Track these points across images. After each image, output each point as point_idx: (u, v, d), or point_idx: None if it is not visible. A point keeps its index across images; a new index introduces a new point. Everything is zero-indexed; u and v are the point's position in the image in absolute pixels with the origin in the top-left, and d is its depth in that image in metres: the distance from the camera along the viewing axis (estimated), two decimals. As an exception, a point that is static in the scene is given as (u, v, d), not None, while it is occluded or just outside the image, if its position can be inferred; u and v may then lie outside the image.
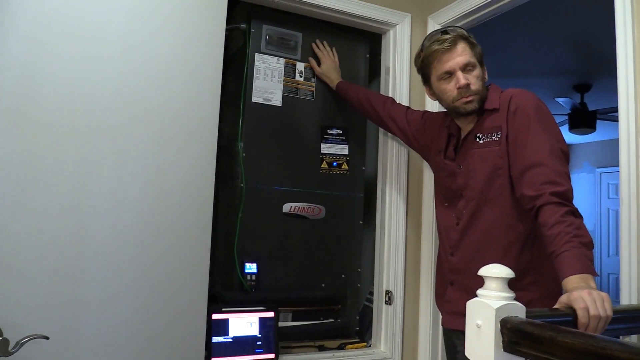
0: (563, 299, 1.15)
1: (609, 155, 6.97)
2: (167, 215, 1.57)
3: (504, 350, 0.94)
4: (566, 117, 5.41)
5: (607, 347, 0.76)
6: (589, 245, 1.27)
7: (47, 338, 1.23)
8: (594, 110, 5.22)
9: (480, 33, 1.99)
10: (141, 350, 1.49)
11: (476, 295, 1.01)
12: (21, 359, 1.21)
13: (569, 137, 6.37)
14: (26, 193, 1.27)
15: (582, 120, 5.28)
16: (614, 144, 1.55)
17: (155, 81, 1.55)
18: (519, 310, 0.97)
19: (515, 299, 1.00)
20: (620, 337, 1.25)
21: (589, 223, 7.41)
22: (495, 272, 0.98)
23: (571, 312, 1.10)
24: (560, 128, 1.53)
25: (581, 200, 7.59)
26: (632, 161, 1.49)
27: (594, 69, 4.52)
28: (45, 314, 1.29)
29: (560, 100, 5.06)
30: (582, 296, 1.10)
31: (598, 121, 5.35)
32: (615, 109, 1.56)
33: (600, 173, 7.58)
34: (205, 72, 1.71)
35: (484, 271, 1.00)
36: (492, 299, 0.96)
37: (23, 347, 1.19)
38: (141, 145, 1.50)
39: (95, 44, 1.42)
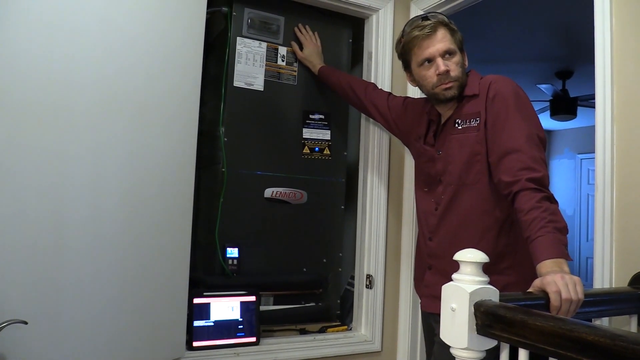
0: (536, 282, 1.17)
1: (590, 142, 7.03)
2: (148, 199, 1.56)
3: (478, 333, 0.96)
4: (547, 104, 5.47)
5: (575, 329, 0.79)
6: (564, 230, 1.29)
7: (26, 323, 1.23)
8: (575, 97, 5.28)
9: (463, 19, 2.00)
10: (122, 334, 1.49)
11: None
12: (0, 344, 1.21)
13: (550, 123, 6.44)
14: (3, 173, 1.26)
15: (563, 106, 5.34)
16: (594, 130, 1.57)
17: (135, 64, 1.53)
18: (493, 294, 1.00)
19: (492, 282, 1.02)
20: (592, 320, 1.29)
21: (568, 208, 7.54)
22: (469, 256, 1.00)
23: (544, 295, 1.13)
24: (542, 114, 1.55)
25: (561, 186, 7.71)
26: (608, 148, 1.52)
27: (576, 55, 4.56)
28: (24, 298, 1.29)
29: (542, 86, 5.11)
30: (554, 280, 1.13)
31: (579, 108, 5.42)
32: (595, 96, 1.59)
33: (581, 159, 7.70)
34: (186, 56, 1.69)
35: (459, 256, 1.02)
36: (467, 283, 0.98)
37: (1, 332, 1.18)
38: (120, 128, 1.49)
39: (74, 24, 1.40)
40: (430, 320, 1.70)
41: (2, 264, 1.25)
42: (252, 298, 1.93)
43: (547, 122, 6.25)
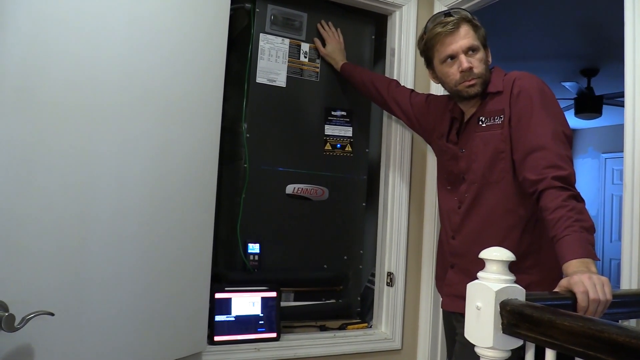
0: (563, 282, 1.15)
1: (614, 141, 6.93)
2: (171, 195, 1.57)
3: (503, 332, 0.95)
4: (572, 102, 5.38)
5: (605, 330, 0.77)
6: (590, 229, 1.27)
7: (52, 314, 1.25)
8: (600, 95, 5.18)
9: (487, 15, 1.98)
10: (145, 327, 1.51)
11: (476, 278, 1.02)
12: (27, 335, 1.23)
13: (575, 121, 6.33)
14: (31, 171, 1.28)
15: (588, 105, 5.24)
16: (619, 129, 1.54)
17: (159, 61, 1.54)
18: (519, 293, 0.98)
19: (516, 281, 1.01)
20: (620, 321, 1.26)
21: (592, 208, 7.41)
22: (496, 255, 0.99)
23: (571, 295, 1.11)
24: (566, 112, 1.53)
25: (585, 185, 7.56)
26: (637, 147, 1.49)
27: (602, 53, 4.47)
28: (50, 292, 1.30)
29: (567, 84, 5.02)
30: (582, 280, 1.11)
31: (604, 106, 5.32)
32: (621, 94, 1.55)
33: (605, 158, 7.54)
34: (210, 52, 1.70)
35: (485, 254, 1.01)
36: (493, 282, 0.97)
37: (29, 323, 1.20)
38: (145, 125, 1.50)
39: (100, 23, 1.41)
40: (452, 319, 1.68)
41: (29, 260, 1.27)
42: (273, 294, 1.94)
43: (571, 120, 6.15)
